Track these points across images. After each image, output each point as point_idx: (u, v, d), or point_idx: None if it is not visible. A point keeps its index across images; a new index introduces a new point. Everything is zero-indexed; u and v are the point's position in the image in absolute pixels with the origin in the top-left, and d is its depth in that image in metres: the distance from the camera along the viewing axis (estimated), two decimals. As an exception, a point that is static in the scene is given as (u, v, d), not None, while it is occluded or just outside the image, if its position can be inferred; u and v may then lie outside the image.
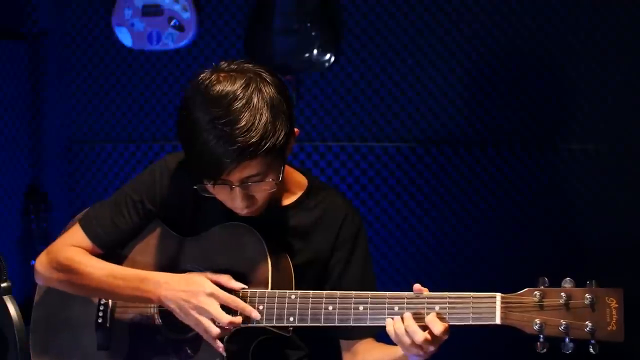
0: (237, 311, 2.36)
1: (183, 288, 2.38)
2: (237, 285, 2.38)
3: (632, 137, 3.71)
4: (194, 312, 2.36)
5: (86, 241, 2.54)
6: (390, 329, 2.22)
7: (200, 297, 2.36)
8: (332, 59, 3.89)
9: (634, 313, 2.26)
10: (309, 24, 3.86)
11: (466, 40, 3.84)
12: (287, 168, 2.49)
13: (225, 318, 2.34)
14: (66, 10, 4.19)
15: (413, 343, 2.19)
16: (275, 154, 2.27)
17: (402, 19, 3.90)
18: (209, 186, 2.32)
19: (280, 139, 2.26)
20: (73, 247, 2.54)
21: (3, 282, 2.40)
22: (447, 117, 3.90)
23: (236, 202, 2.34)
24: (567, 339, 2.09)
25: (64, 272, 2.52)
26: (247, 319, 2.35)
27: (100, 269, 2.49)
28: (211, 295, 2.36)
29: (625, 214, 3.74)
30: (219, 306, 2.35)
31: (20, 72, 4.09)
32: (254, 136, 2.22)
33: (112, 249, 2.54)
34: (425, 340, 2.17)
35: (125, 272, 2.48)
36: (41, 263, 2.57)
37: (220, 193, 2.35)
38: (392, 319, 2.22)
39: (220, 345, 2.36)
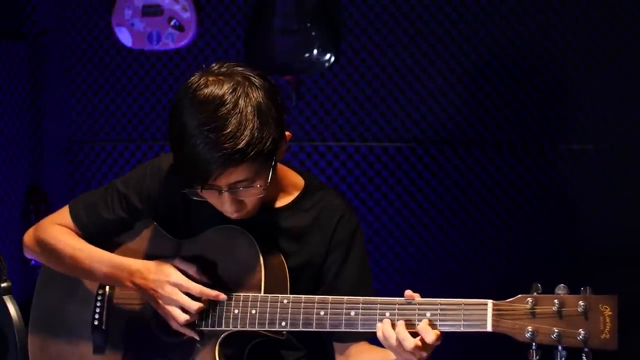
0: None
1: (152, 277, 2.41)
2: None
3: (632, 137, 3.71)
4: (161, 302, 2.39)
5: (69, 222, 2.56)
6: (379, 334, 2.22)
7: (166, 287, 2.38)
8: (332, 59, 3.88)
9: (631, 318, 2.25)
10: (309, 24, 3.86)
11: (466, 40, 3.83)
12: (284, 168, 2.48)
13: (194, 304, 2.36)
14: (66, 10, 4.19)
15: (402, 347, 2.19)
16: (262, 159, 2.25)
17: (401, 19, 3.89)
18: (198, 190, 2.32)
19: (267, 144, 2.24)
20: (58, 225, 2.57)
21: (3, 282, 2.39)
22: (447, 117, 3.90)
23: (225, 207, 2.33)
24: (559, 347, 2.08)
25: (46, 249, 2.56)
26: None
27: (80, 250, 2.51)
28: (175, 284, 2.38)
29: (625, 214, 3.73)
30: (184, 294, 2.38)
31: (20, 72, 4.09)
32: (240, 143, 2.20)
33: (94, 236, 2.55)
34: (416, 346, 2.16)
35: (102, 256, 2.50)
36: (28, 237, 2.62)
37: (210, 197, 2.34)
38: (382, 322, 2.22)
39: (190, 331, 2.39)
